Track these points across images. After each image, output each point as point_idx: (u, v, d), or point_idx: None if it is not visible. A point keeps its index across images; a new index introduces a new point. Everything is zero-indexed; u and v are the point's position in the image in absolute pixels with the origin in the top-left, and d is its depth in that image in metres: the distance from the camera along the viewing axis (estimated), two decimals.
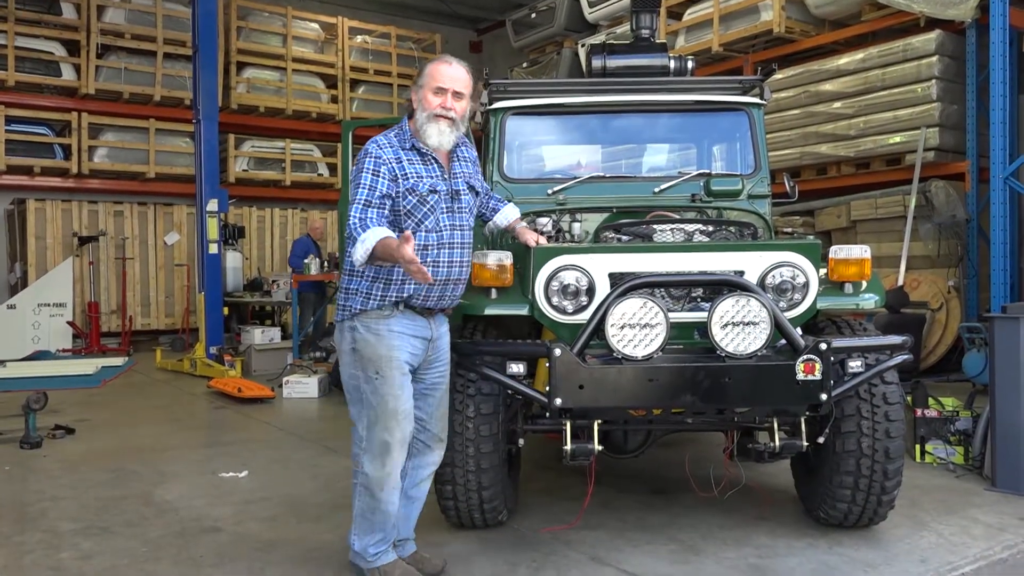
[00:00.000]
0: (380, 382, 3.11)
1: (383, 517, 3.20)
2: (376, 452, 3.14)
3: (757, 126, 4.68)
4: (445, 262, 3.20)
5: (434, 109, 3.15)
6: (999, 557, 3.57)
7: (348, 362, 3.21)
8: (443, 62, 3.22)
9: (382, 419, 3.12)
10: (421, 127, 3.17)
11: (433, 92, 3.16)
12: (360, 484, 3.21)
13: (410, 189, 3.13)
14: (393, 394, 3.11)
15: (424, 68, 3.25)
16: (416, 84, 3.24)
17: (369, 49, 14.56)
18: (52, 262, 11.97)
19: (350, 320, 3.17)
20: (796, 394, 3.28)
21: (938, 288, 8.23)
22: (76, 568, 3.56)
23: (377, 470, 3.14)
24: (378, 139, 3.20)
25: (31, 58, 11.71)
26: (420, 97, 3.18)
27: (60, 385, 8.49)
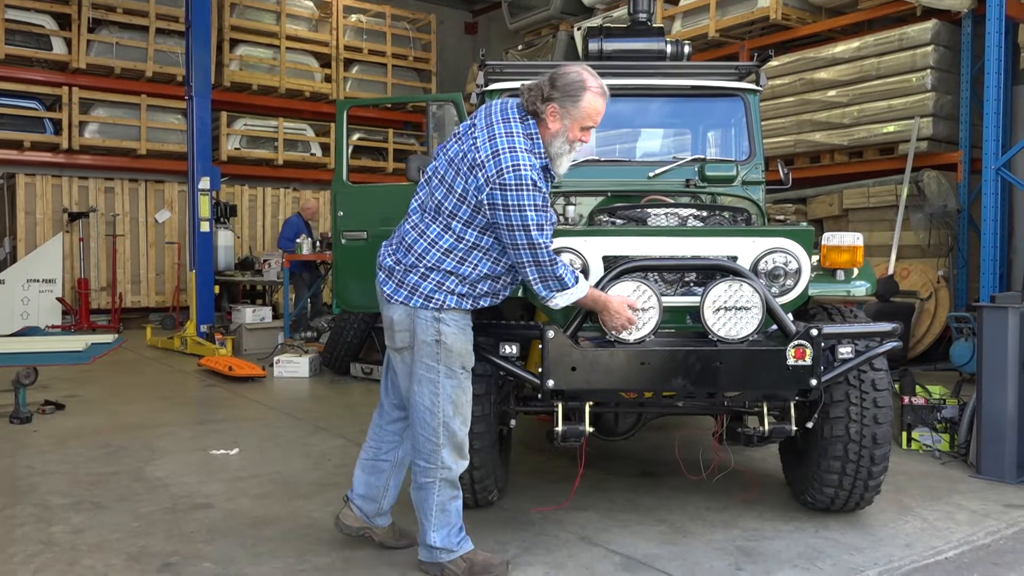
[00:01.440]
0: (464, 376, 3.11)
1: (459, 505, 3.21)
2: (456, 444, 3.11)
3: (752, 112, 4.69)
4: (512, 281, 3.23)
5: (577, 141, 3.05)
6: (982, 542, 3.62)
7: (429, 353, 3.06)
8: (603, 96, 3.03)
9: (462, 412, 3.11)
10: (558, 155, 3.04)
11: (583, 127, 3.03)
12: (439, 479, 3.12)
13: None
14: (467, 392, 3.14)
15: (580, 95, 2.98)
16: (561, 100, 2.98)
17: (364, 28, 14.47)
18: (42, 238, 11.90)
19: (437, 312, 3.05)
20: (786, 379, 3.31)
21: (928, 278, 8.28)
22: (68, 542, 3.58)
23: (458, 462, 3.14)
24: (533, 164, 2.93)
25: (21, 31, 11.58)
26: (567, 126, 3.00)
27: (49, 361, 8.47)
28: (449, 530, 3.17)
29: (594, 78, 3.04)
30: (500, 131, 2.98)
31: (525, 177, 2.88)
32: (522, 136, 2.98)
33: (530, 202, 2.88)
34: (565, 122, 3.00)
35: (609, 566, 3.33)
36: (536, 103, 3.00)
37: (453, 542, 3.17)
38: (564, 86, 2.98)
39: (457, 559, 3.16)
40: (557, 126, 3.00)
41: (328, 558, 3.41)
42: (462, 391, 3.10)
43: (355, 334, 7.95)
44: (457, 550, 3.17)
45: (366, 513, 3.44)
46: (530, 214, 2.89)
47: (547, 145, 3.03)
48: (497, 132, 2.98)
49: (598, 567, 3.32)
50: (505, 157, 2.90)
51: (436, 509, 3.14)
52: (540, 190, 2.92)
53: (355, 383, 7.78)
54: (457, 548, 3.17)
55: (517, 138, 2.96)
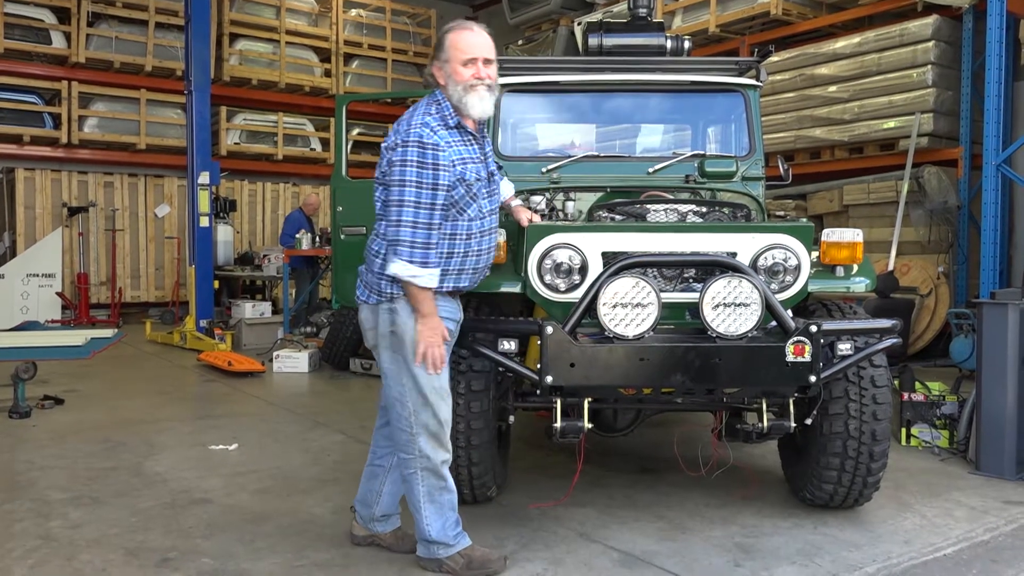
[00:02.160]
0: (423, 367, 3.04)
1: (451, 496, 3.17)
2: (431, 433, 3.08)
3: (752, 108, 4.68)
4: (486, 248, 3.15)
5: (468, 80, 3.00)
6: (981, 539, 3.62)
7: (387, 345, 3.09)
8: (464, 29, 3.05)
9: (432, 401, 3.06)
10: (460, 101, 3.01)
11: (463, 64, 3.00)
12: (420, 468, 3.11)
13: (460, 178, 2.98)
14: (437, 377, 3.07)
15: (444, 40, 3.05)
16: (439, 59, 3.05)
17: (363, 23, 14.44)
18: (41, 232, 11.89)
19: (389, 303, 3.05)
20: (785, 375, 3.30)
21: (928, 274, 8.28)
22: (66, 537, 3.58)
23: (437, 450, 3.10)
24: (426, 120, 2.97)
25: (21, 25, 11.56)
26: (449, 72, 3.02)
27: (49, 356, 8.42)
28: (444, 522, 3.15)
29: (457, 22, 3.15)
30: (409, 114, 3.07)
31: (412, 134, 2.94)
32: (425, 105, 3.05)
33: (413, 157, 2.91)
34: (446, 69, 3.03)
35: (607, 562, 3.33)
36: (429, 79, 3.10)
37: (449, 535, 3.15)
38: (435, 46, 3.12)
39: (455, 555, 3.15)
40: (443, 78, 3.04)
41: (327, 554, 3.41)
42: (429, 379, 3.04)
43: (354, 329, 7.94)
44: (454, 544, 3.16)
45: (363, 518, 3.44)
46: (411, 169, 2.91)
47: (450, 100, 3.04)
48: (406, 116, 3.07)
49: (597, 563, 3.32)
50: (403, 126, 3.01)
51: (425, 500, 3.14)
52: (426, 146, 2.92)
53: (354, 378, 7.78)
54: (454, 543, 3.16)
55: (420, 107, 3.05)
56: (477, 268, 3.15)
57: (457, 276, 3.10)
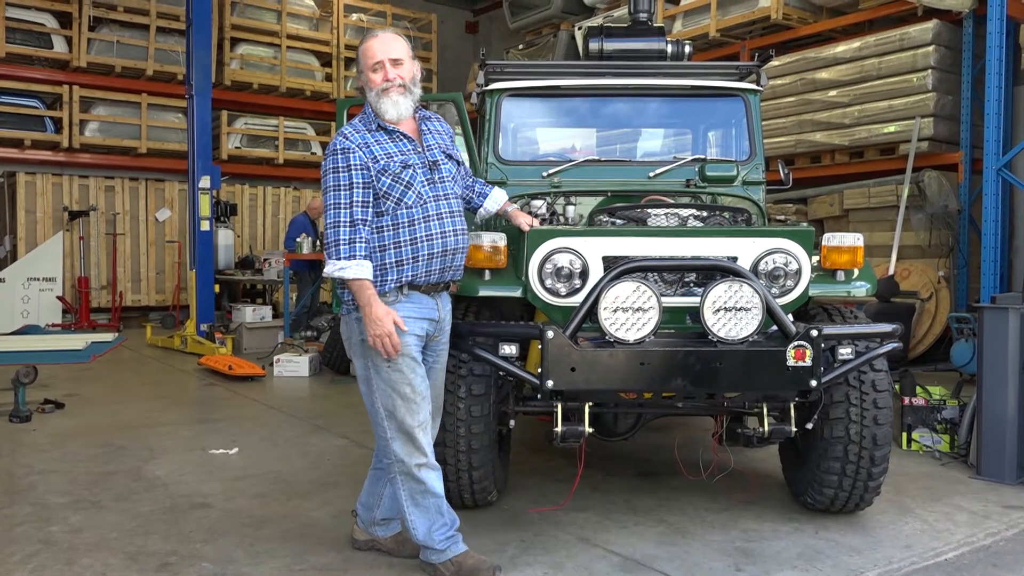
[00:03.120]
0: (392, 369, 3.07)
1: (435, 500, 3.15)
2: (404, 437, 3.10)
3: (753, 112, 4.68)
4: (437, 233, 3.14)
5: (380, 85, 3.11)
6: (982, 544, 3.61)
7: (358, 353, 3.16)
8: (370, 37, 3.18)
9: (400, 405, 3.08)
10: (376, 107, 3.13)
11: (372, 70, 3.12)
12: (398, 472, 3.14)
13: (382, 170, 3.07)
14: (407, 380, 3.08)
15: (358, 53, 3.21)
16: (357, 70, 3.23)
17: (364, 27, 14.45)
18: (42, 236, 11.90)
19: (356, 311, 3.09)
20: (786, 380, 3.30)
21: (928, 278, 8.27)
22: (66, 541, 3.57)
23: (411, 453, 3.10)
24: (343, 130, 3.15)
25: (22, 29, 11.58)
26: (365, 80, 3.16)
27: (49, 360, 8.45)
28: (429, 526, 3.15)
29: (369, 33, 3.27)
30: None
31: (331, 145, 3.10)
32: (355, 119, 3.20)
33: (330, 165, 3.06)
34: (361, 79, 3.19)
35: (608, 567, 3.32)
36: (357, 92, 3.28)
37: (436, 539, 3.15)
38: None
39: (447, 561, 3.15)
40: (363, 86, 3.18)
41: (327, 558, 3.40)
42: (395, 383, 3.07)
43: None
44: (444, 550, 3.15)
45: (364, 521, 3.44)
46: (329, 176, 3.06)
47: (372, 106, 3.16)
48: None
49: (597, 567, 3.31)
50: None
51: (408, 504, 3.16)
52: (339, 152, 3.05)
53: (355, 383, 7.66)
54: (444, 548, 3.16)
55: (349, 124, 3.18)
56: (434, 253, 3.12)
57: (413, 263, 3.09)
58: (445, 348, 3.35)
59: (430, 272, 3.14)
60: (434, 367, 3.31)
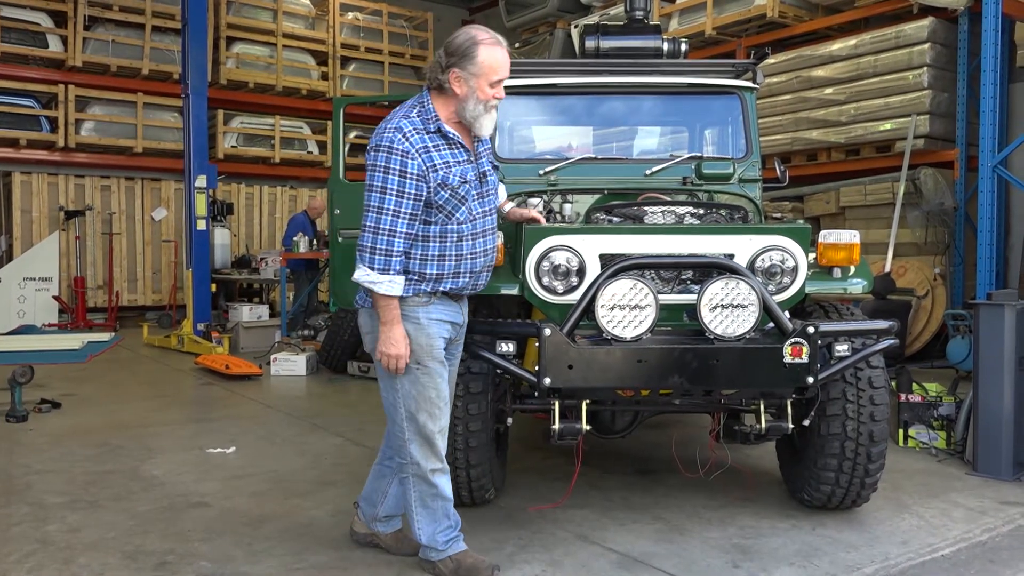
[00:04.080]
0: (421, 372, 3.01)
1: (443, 503, 3.14)
2: (423, 441, 3.05)
3: (749, 110, 4.69)
4: (480, 251, 3.08)
5: (490, 100, 2.95)
6: (978, 540, 3.62)
7: None
8: (497, 46, 2.94)
9: (424, 408, 3.03)
10: (476, 118, 2.96)
11: (491, 84, 2.94)
12: (412, 474, 3.10)
13: (441, 183, 2.91)
14: (435, 384, 3.03)
15: (473, 52, 2.90)
16: (464, 69, 2.92)
17: (360, 26, 14.45)
18: (38, 236, 11.88)
19: None
20: (783, 377, 3.30)
21: (924, 275, 8.29)
22: (63, 541, 3.57)
23: (428, 458, 3.07)
24: (400, 125, 2.91)
25: (17, 28, 11.56)
26: (474, 87, 2.92)
27: (46, 359, 8.43)
28: (434, 528, 3.14)
29: (484, 31, 2.96)
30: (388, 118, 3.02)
31: (383, 139, 2.89)
32: (405, 108, 2.99)
33: (381, 163, 2.88)
34: (471, 83, 2.93)
35: (606, 564, 3.33)
36: (438, 75, 2.95)
37: (439, 541, 3.14)
38: (456, 48, 2.93)
39: (446, 559, 3.14)
40: (464, 90, 2.94)
41: (325, 556, 3.40)
42: (422, 386, 3.01)
43: (352, 332, 7.94)
44: (445, 550, 3.15)
45: (366, 515, 3.44)
46: (379, 175, 2.88)
47: (461, 113, 2.97)
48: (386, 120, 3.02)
49: (595, 565, 3.32)
50: (380, 129, 2.96)
51: (417, 505, 3.14)
52: (394, 152, 2.86)
53: (352, 381, 7.77)
54: (445, 548, 3.15)
55: (401, 110, 2.99)
56: (473, 271, 3.09)
57: (454, 279, 3.04)
58: (460, 351, 3.32)
59: (464, 286, 3.09)
60: (452, 367, 3.27)
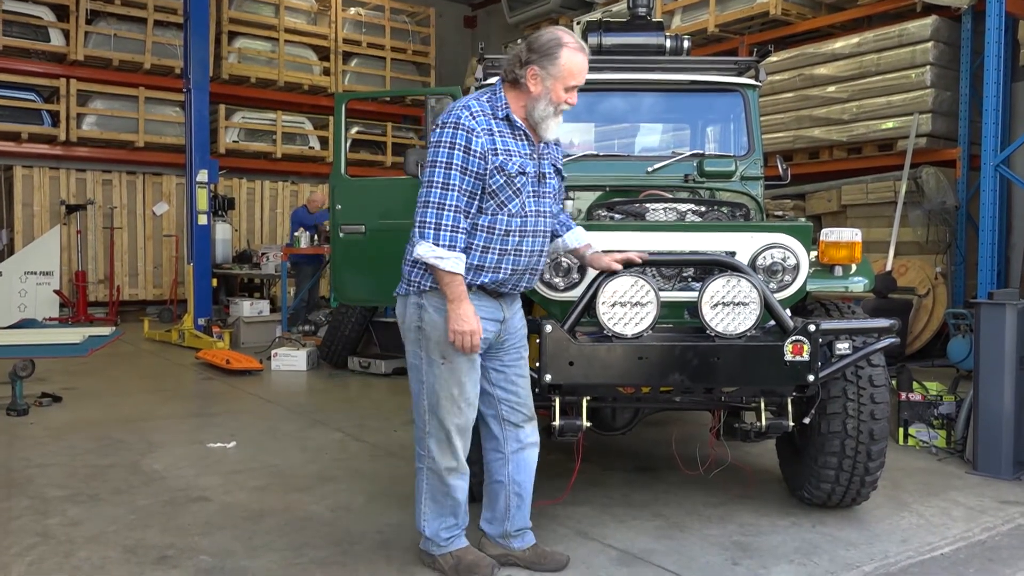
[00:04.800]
0: (446, 367, 2.95)
1: (454, 503, 3.10)
2: (441, 437, 3.02)
3: (751, 107, 4.68)
4: (527, 251, 3.00)
5: (561, 103, 2.92)
6: (978, 539, 3.62)
7: (412, 339, 3.01)
8: (581, 51, 2.90)
9: (444, 404, 2.98)
10: (544, 119, 2.93)
11: (567, 88, 2.90)
12: (427, 468, 3.07)
13: (499, 167, 2.86)
14: (458, 381, 2.97)
15: (557, 53, 2.86)
16: (542, 67, 2.88)
17: (363, 21, 14.43)
18: (39, 230, 11.88)
19: (417, 296, 2.95)
20: (784, 375, 3.31)
21: (926, 274, 8.29)
22: (64, 534, 3.57)
23: (444, 455, 3.03)
24: (468, 104, 2.89)
25: (19, 22, 11.54)
26: (549, 87, 2.89)
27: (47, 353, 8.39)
28: (440, 523, 3.13)
29: (570, 35, 2.93)
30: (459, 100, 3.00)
31: (451, 115, 2.87)
32: (476, 93, 2.98)
33: (446, 139, 2.84)
34: (547, 83, 2.90)
35: (605, 560, 3.33)
36: (515, 69, 2.92)
37: (442, 536, 3.13)
38: (540, 47, 2.89)
39: (447, 554, 3.14)
40: (539, 88, 2.91)
41: (325, 551, 3.41)
42: (445, 381, 2.96)
43: (353, 328, 7.95)
44: (446, 546, 3.14)
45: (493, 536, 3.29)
46: (443, 150, 2.84)
47: (531, 111, 2.94)
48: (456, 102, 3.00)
49: (595, 561, 3.32)
50: (449, 107, 2.94)
51: (427, 497, 3.12)
52: (459, 127, 2.83)
53: (353, 377, 7.78)
54: (446, 544, 3.14)
55: (471, 97, 2.97)
56: (516, 269, 2.99)
57: (494, 272, 2.95)
58: (523, 350, 3.20)
59: (504, 283, 3.00)
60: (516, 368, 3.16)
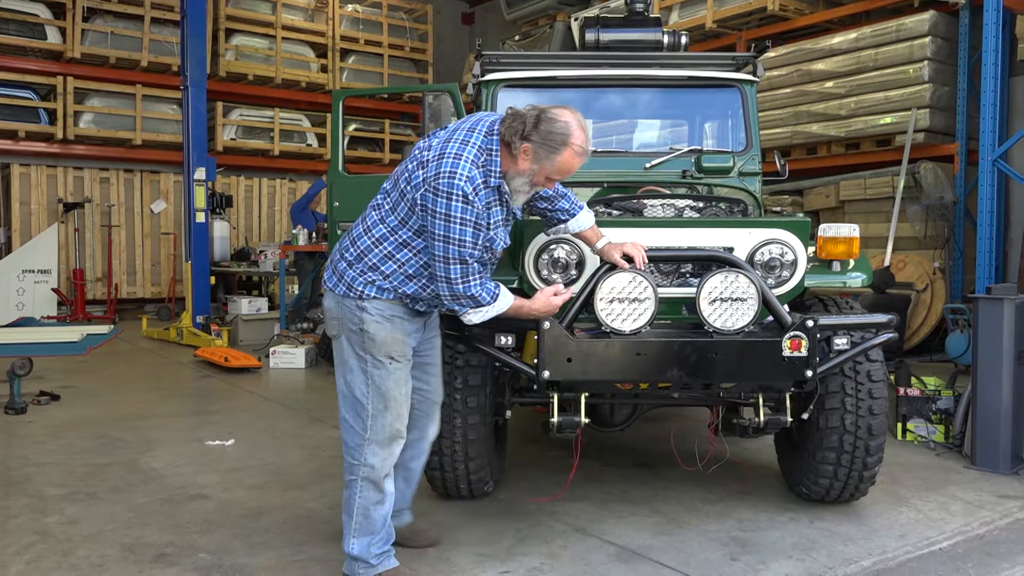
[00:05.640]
0: (394, 367, 2.97)
1: (384, 513, 3.03)
2: (384, 441, 2.98)
3: (749, 103, 4.67)
4: None
5: (539, 185, 2.96)
6: (976, 533, 3.63)
7: (356, 342, 2.97)
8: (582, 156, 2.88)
9: (393, 407, 2.98)
10: (517, 191, 2.94)
11: (549, 176, 2.92)
12: (362, 478, 2.98)
13: (487, 245, 2.92)
14: (405, 379, 3.02)
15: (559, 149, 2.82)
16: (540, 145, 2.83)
17: (360, 18, 14.40)
18: (37, 228, 11.86)
19: (358, 300, 2.95)
20: (782, 370, 3.30)
21: (924, 269, 8.29)
22: (62, 533, 3.57)
23: (383, 460, 2.99)
24: (472, 176, 2.79)
25: (15, 20, 11.50)
26: (535, 170, 2.88)
27: (45, 352, 8.39)
28: (370, 540, 3.01)
29: (580, 132, 2.87)
30: (460, 137, 2.88)
31: (456, 187, 2.76)
32: (477, 149, 2.85)
33: (457, 214, 2.76)
34: (534, 166, 2.88)
35: (604, 557, 3.33)
36: (514, 137, 2.85)
37: (372, 553, 3.01)
38: (546, 134, 2.83)
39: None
40: (526, 166, 2.88)
41: (324, 549, 3.40)
42: (392, 382, 2.97)
43: None
44: (376, 564, 3.02)
45: None
46: (454, 226, 2.77)
47: (509, 177, 2.92)
48: (456, 137, 2.88)
49: (593, 557, 3.32)
50: (446, 162, 2.80)
51: (359, 513, 3.00)
52: (471, 204, 2.78)
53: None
54: (377, 563, 3.02)
55: (470, 149, 2.84)
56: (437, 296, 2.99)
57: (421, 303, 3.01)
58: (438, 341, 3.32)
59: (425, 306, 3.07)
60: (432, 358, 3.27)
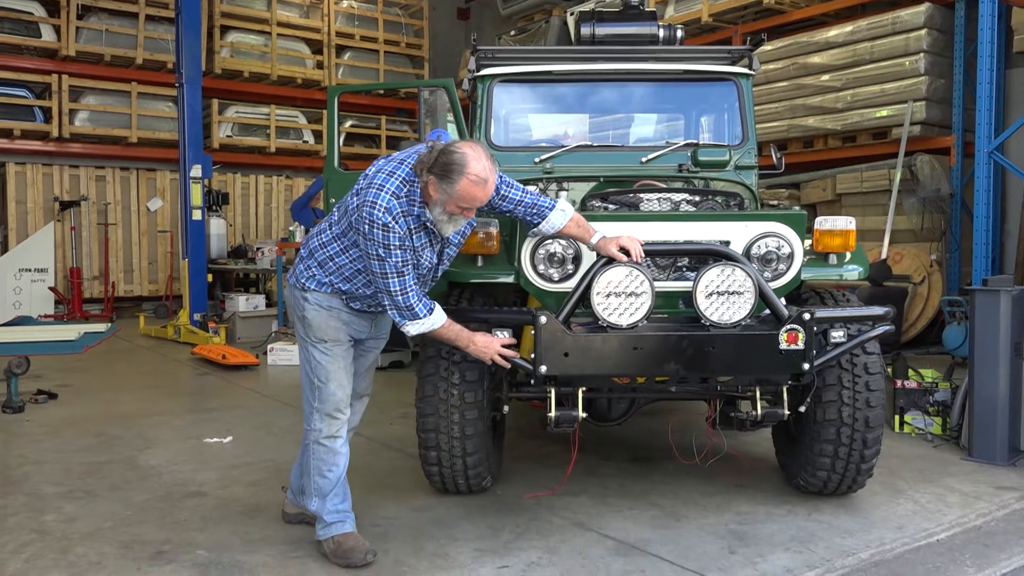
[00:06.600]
0: (332, 347, 3.28)
1: (338, 474, 3.32)
2: (329, 409, 3.29)
3: (745, 97, 4.67)
4: None
5: (455, 215, 3.06)
6: (973, 524, 3.64)
7: (301, 328, 3.34)
8: (481, 184, 2.97)
9: (334, 379, 3.28)
10: (438, 222, 3.08)
11: (459, 206, 3.02)
12: (314, 442, 3.31)
13: (413, 266, 3.13)
14: (343, 357, 3.31)
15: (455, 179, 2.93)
16: (441, 177, 2.95)
17: (355, 14, 14.38)
18: (33, 227, 11.84)
19: (301, 291, 3.28)
20: (779, 363, 3.31)
21: (921, 262, 8.29)
22: (60, 530, 3.57)
23: (330, 425, 3.30)
24: (391, 206, 2.99)
25: (9, 18, 11.48)
26: (444, 200, 3.00)
27: (42, 351, 8.43)
28: (323, 500, 3.30)
29: (476, 162, 2.96)
30: (388, 168, 3.09)
31: (376, 217, 2.98)
32: (400, 180, 3.05)
33: (381, 240, 3.00)
34: (441, 196, 3.02)
35: (602, 550, 3.34)
36: (422, 170, 3.02)
37: (328, 509, 3.29)
38: (444, 164, 2.96)
39: (328, 539, 3.27)
40: (436, 197, 3.03)
41: None
42: (331, 361, 3.27)
43: None
44: (331, 523, 3.28)
45: (295, 493, 3.63)
46: (379, 249, 3.02)
47: (429, 207, 3.08)
48: (386, 168, 3.09)
49: (591, 551, 3.33)
50: (371, 192, 3.02)
51: (314, 473, 3.32)
52: (391, 230, 2.99)
53: None
54: (331, 522, 3.28)
55: (393, 180, 3.04)
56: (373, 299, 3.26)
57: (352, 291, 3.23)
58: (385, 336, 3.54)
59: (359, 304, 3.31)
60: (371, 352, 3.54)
